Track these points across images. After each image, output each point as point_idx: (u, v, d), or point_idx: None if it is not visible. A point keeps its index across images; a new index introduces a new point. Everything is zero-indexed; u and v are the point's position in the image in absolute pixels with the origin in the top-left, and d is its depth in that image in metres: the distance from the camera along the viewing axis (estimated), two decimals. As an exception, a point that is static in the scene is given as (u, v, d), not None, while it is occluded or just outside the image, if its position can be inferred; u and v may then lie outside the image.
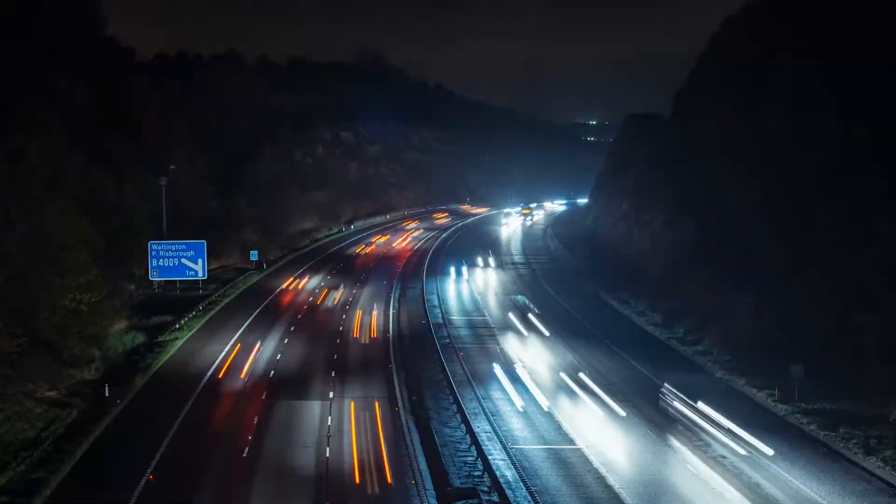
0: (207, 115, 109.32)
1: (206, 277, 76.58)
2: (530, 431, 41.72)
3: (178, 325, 62.59)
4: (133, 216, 75.15)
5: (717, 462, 37.38)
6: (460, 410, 43.56)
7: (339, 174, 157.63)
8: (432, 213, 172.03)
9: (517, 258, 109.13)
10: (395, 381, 49.90)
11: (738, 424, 39.00)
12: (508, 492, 33.72)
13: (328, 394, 46.86)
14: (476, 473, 36.09)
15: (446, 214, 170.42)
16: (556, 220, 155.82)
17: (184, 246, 74.49)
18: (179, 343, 59.17)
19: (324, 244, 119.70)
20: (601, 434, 40.83)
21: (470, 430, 40.41)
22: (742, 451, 37.38)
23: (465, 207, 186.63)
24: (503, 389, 48.38)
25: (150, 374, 51.48)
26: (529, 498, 33.66)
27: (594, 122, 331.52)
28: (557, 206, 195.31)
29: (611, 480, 35.26)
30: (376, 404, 45.33)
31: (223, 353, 56.03)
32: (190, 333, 62.06)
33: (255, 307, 71.26)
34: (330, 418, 42.65)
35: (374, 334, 62.98)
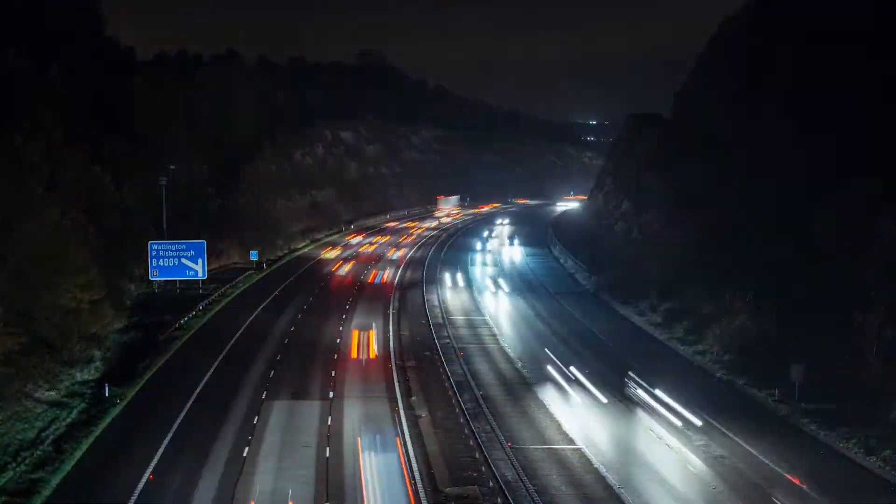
0: (207, 115, 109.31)
1: (206, 277, 76.58)
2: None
3: (178, 325, 62.58)
4: (133, 216, 75.15)
5: (717, 460, 37.49)
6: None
7: (339, 174, 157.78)
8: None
9: (516, 259, 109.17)
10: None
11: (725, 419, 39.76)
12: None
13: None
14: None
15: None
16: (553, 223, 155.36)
17: (184, 246, 74.46)
18: (179, 343, 59.17)
19: (323, 244, 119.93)
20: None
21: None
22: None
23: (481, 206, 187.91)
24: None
25: (150, 374, 51.47)
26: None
27: (594, 122, 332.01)
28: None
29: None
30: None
31: (223, 353, 56.10)
32: (190, 333, 62.07)
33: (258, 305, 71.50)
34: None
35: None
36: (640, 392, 44.46)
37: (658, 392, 43.34)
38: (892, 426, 40.15)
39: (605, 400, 45.64)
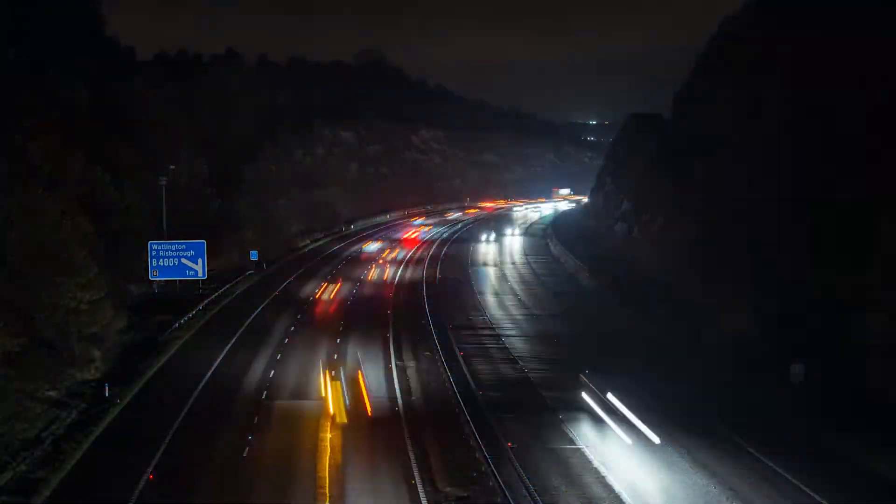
0: (207, 115, 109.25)
1: (206, 277, 76.54)
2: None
3: (178, 325, 62.56)
4: (133, 216, 75.05)
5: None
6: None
7: (339, 174, 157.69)
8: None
9: (517, 258, 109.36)
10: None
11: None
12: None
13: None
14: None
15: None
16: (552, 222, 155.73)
17: (184, 246, 74.36)
18: (179, 343, 59.18)
19: (324, 244, 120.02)
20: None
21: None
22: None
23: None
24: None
25: (150, 374, 51.48)
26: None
27: (594, 122, 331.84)
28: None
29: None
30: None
31: (223, 353, 56.13)
32: (190, 333, 62.06)
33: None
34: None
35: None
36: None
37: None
38: (893, 427, 40.16)
39: None
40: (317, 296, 78.24)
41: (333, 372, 50.60)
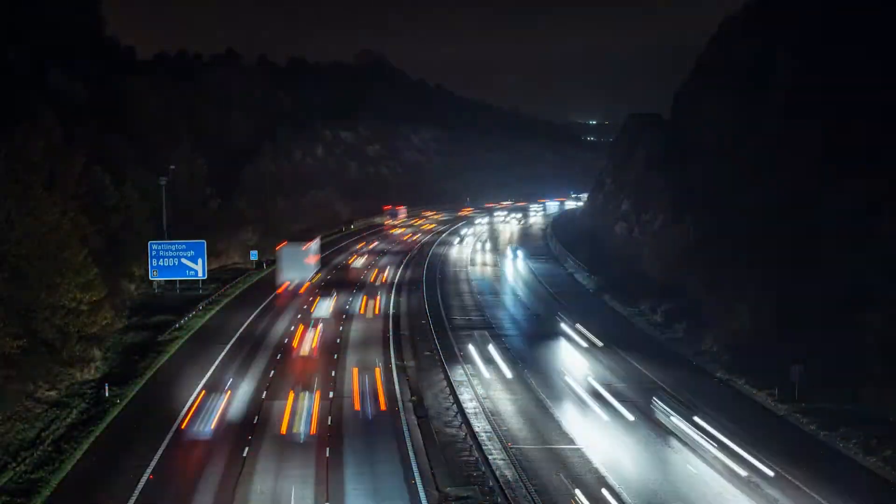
0: (207, 115, 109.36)
1: (206, 277, 76.53)
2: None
3: (178, 325, 62.54)
4: (133, 216, 75.10)
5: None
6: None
7: (339, 174, 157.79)
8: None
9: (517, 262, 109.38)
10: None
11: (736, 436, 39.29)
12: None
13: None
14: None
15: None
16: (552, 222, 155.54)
17: (184, 246, 74.42)
18: (179, 343, 59.13)
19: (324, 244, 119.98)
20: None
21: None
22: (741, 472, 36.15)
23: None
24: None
25: (150, 374, 51.43)
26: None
27: (594, 122, 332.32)
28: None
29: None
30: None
31: (223, 353, 56.13)
32: (190, 333, 62.02)
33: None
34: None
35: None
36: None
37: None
38: (892, 426, 40.14)
39: None
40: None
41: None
